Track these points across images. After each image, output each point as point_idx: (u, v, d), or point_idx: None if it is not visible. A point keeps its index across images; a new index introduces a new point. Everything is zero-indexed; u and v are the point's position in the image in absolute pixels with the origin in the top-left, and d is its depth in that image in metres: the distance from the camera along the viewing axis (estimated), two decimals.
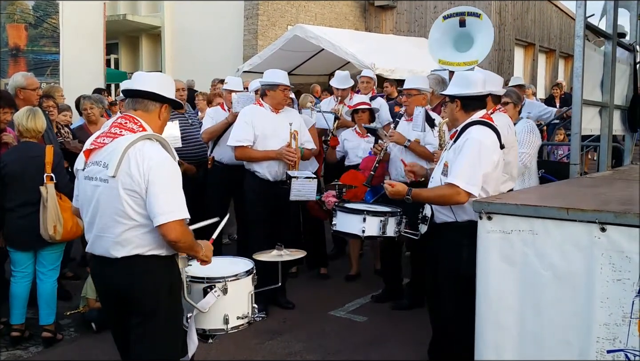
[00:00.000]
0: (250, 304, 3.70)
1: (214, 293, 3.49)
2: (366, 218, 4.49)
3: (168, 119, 3.57)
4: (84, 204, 3.34)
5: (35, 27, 10.97)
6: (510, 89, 6.04)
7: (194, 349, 3.54)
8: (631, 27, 6.76)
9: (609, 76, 5.94)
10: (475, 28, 6.76)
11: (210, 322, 3.58)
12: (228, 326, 3.59)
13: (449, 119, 4.35)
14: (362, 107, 7.10)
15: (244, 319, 3.66)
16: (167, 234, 3.13)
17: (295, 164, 5.84)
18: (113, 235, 3.20)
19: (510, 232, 3.47)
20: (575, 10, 5.22)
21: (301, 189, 5.76)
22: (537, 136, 5.66)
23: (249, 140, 5.78)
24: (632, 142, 7.00)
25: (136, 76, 3.48)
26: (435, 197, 4.05)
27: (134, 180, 3.11)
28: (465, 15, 6.76)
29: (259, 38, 18.10)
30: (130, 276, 3.23)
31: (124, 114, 3.39)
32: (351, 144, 7.20)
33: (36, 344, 5.32)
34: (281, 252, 4.08)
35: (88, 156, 3.29)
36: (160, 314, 3.29)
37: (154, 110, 3.37)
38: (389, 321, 5.83)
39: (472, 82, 4.15)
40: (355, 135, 7.21)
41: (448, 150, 4.19)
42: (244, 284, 3.67)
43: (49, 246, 5.29)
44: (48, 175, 5.13)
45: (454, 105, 4.18)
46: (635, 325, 3.09)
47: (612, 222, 3.12)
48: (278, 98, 5.87)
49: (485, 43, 6.75)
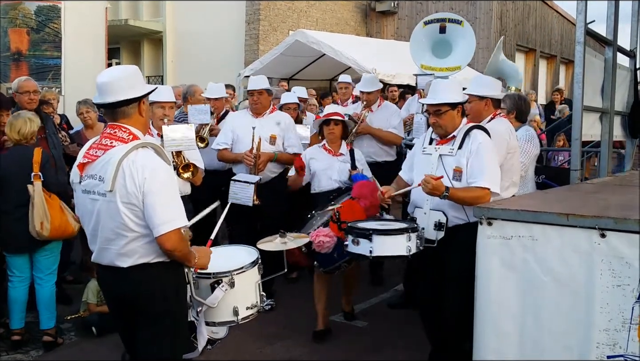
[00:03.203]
0: (258, 293, 3.74)
1: (222, 288, 3.54)
2: (410, 235, 4.16)
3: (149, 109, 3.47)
4: (85, 217, 3.35)
5: (37, 31, 10.96)
6: (509, 94, 5.97)
7: (204, 343, 3.58)
8: (632, 32, 6.77)
9: (609, 81, 5.94)
10: (455, 35, 6.78)
11: (221, 315, 3.63)
12: (238, 317, 3.64)
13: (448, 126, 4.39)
14: (335, 118, 5.86)
15: (253, 309, 3.71)
16: (163, 243, 3.15)
17: (254, 168, 6.00)
18: (117, 247, 3.21)
19: (510, 238, 3.48)
20: (575, 16, 5.23)
21: (238, 192, 5.93)
22: (536, 146, 5.58)
23: (226, 143, 6.21)
24: (633, 148, 7.00)
25: (100, 85, 3.25)
26: (470, 198, 4.14)
27: (130, 193, 3.11)
28: (447, 22, 6.77)
29: (260, 43, 18.11)
30: (139, 284, 3.26)
31: (110, 123, 3.32)
32: (321, 165, 5.86)
33: (37, 348, 5.34)
34: (285, 239, 4.12)
35: (82, 169, 3.27)
36: (168, 316, 3.33)
37: (133, 113, 3.30)
38: (389, 326, 5.82)
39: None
40: (325, 153, 5.91)
41: (452, 156, 4.31)
42: (250, 276, 3.71)
43: (43, 250, 5.31)
44: (35, 174, 5.16)
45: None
46: (635, 331, 3.10)
47: (612, 228, 3.14)
48: (251, 103, 6.36)
49: (465, 51, 6.76)
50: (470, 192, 4.19)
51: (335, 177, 5.74)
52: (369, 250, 4.15)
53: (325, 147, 5.91)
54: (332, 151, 5.87)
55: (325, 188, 5.76)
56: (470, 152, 4.26)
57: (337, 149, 5.89)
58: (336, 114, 5.89)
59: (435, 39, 6.84)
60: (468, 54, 6.76)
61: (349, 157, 5.82)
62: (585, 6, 5.11)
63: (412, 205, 4.60)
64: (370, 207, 4.96)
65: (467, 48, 6.74)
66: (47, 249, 5.34)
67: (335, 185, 5.73)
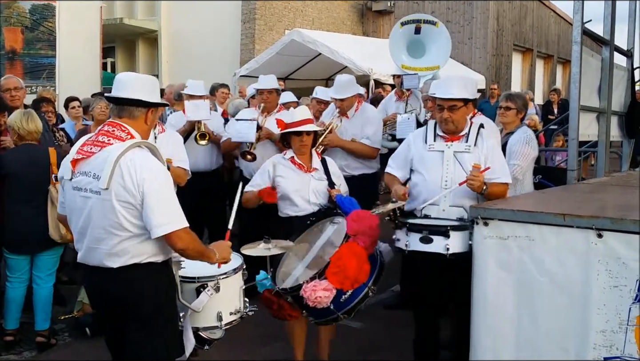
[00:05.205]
0: (241, 299, 3.72)
1: (207, 292, 3.51)
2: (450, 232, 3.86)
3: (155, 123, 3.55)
4: (73, 215, 3.30)
5: (32, 30, 10.94)
6: (517, 93, 5.89)
7: (191, 348, 3.54)
8: (629, 32, 6.76)
9: (606, 81, 5.93)
10: (429, 36, 6.80)
11: (204, 320, 3.59)
12: (222, 323, 3.60)
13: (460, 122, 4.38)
14: (306, 128, 4.75)
15: (237, 314, 3.68)
16: (175, 243, 3.13)
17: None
18: (107, 247, 3.16)
19: (506, 238, 3.45)
20: (572, 16, 5.21)
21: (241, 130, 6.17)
22: (534, 148, 5.45)
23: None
24: (630, 148, 6.99)
25: (119, 80, 3.35)
26: (500, 193, 4.25)
27: (128, 192, 3.08)
28: (422, 23, 6.78)
29: (256, 42, 18.11)
30: (129, 285, 3.21)
31: (109, 121, 3.32)
32: (292, 185, 4.75)
33: (30, 349, 5.30)
34: (269, 245, 4.07)
35: (75, 165, 3.23)
36: (160, 318, 3.30)
37: (139, 116, 3.31)
38: (384, 326, 5.80)
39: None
40: (294, 169, 4.79)
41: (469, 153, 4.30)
42: (235, 281, 3.68)
43: (47, 251, 5.28)
44: (56, 175, 5.10)
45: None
46: (633, 332, 3.08)
47: (608, 228, 3.12)
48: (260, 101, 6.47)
49: (439, 51, 6.78)
50: (498, 187, 4.26)
51: (313, 200, 4.73)
52: (446, 247, 3.83)
53: (294, 160, 4.79)
54: (304, 166, 4.78)
55: (302, 212, 4.72)
56: (487, 149, 4.32)
57: (309, 162, 4.82)
58: (308, 121, 4.81)
59: (411, 40, 6.86)
60: (443, 54, 6.78)
61: (322, 171, 4.84)
62: (582, 6, 5.11)
63: (417, 202, 4.41)
64: (370, 246, 4.11)
65: (441, 49, 6.77)
66: (52, 250, 5.31)
67: (313, 208, 4.72)
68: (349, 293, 4.00)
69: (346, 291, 3.94)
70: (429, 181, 4.34)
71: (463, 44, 18.88)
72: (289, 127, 4.77)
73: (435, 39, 6.76)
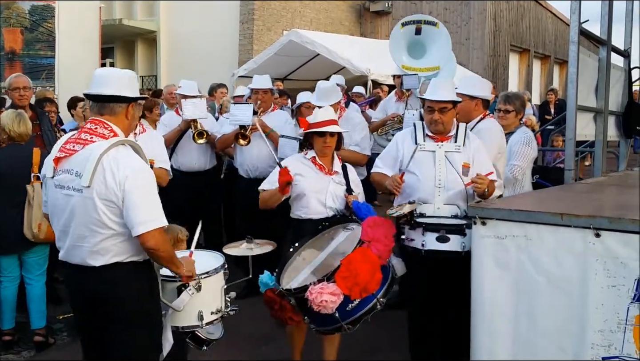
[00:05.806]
0: (223, 298, 3.71)
1: (188, 292, 3.49)
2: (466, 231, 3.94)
3: (137, 117, 3.56)
4: (55, 213, 3.29)
5: (31, 31, 10.92)
6: (514, 94, 5.92)
7: (169, 348, 3.52)
8: (626, 32, 6.78)
9: (603, 81, 5.94)
10: (430, 37, 6.80)
11: (185, 319, 3.58)
12: (203, 322, 3.59)
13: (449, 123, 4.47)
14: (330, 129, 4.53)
15: (218, 314, 3.67)
16: (146, 241, 3.11)
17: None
18: (90, 245, 3.16)
19: (504, 237, 3.46)
20: (569, 16, 5.22)
21: (238, 114, 6.15)
22: (533, 148, 5.49)
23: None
24: (627, 148, 7.01)
25: (97, 77, 3.33)
26: (493, 190, 4.32)
27: (109, 190, 3.08)
28: (422, 24, 6.80)
29: (254, 43, 18.09)
30: (111, 283, 3.21)
31: (92, 118, 3.31)
32: (311, 185, 4.56)
33: (29, 348, 5.31)
34: (251, 245, 4.08)
35: (57, 163, 3.23)
36: (142, 317, 3.29)
37: (120, 112, 3.31)
38: (383, 327, 5.77)
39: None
40: (315, 169, 4.60)
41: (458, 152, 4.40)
42: (216, 280, 3.68)
43: (32, 251, 5.28)
44: (35, 175, 5.13)
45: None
46: (631, 332, 3.08)
47: (606, 228, 3.13)
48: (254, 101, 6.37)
49: (439, 52, 6.78)
50: (492, 185, 4.32)
51: (330, 204, 4.55)
52: (462, 246, 3.91)
53: (315, 161, 4.60)
54: (325, 167, 4.60)
55: (316, 216, 4.54)
56: (474, 149, 4.45)
57: (330, 165, 4.64)
58: (332, 122, 4.56)
59: (411, 40, 6.87)
60: (443, 54, 6.78)
61: (342, 176, 4.68)
62: (579, 6, 5.12)
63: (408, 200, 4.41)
64: (384, 254, 3.94)
65: (441, 49, 6.77)
66: (35, 251, 5.31)
67: (328, 213, 4.56)
68: (356, 302, 3.87)
69: (353, 300, 3.82)
70: (423, 181, 4.40)
71: (460, 44, 18.87)
72: (312, 127, 4.56)
73: (435, 39, 6.77)
